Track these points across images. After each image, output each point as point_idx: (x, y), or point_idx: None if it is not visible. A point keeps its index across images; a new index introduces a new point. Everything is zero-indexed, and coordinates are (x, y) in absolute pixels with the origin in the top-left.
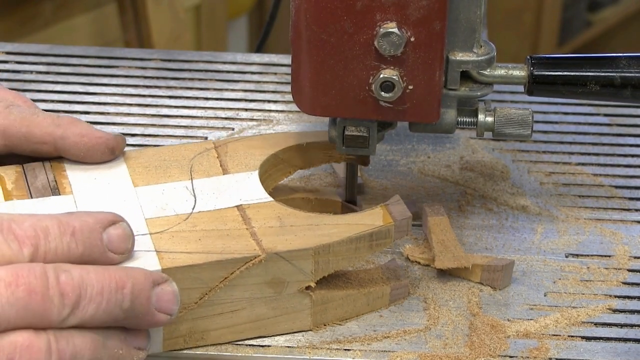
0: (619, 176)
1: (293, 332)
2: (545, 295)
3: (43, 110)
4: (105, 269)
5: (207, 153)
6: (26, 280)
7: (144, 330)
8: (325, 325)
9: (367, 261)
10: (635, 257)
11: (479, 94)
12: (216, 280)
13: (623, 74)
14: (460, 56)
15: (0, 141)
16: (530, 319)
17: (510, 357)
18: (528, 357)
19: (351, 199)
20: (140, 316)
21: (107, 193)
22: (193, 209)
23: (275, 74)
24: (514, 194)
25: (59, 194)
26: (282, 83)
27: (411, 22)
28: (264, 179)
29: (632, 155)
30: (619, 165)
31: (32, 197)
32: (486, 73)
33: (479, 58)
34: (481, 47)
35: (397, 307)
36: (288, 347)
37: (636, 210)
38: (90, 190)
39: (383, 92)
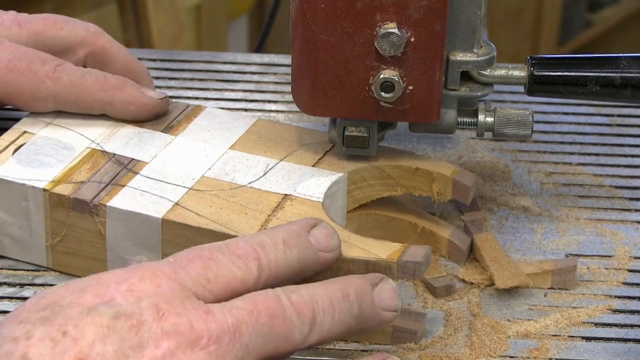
0: (620, 176)
1: None
2: (545, 296)
3: None
4: (325, 282)
5: (321, 145)
6: (265, 306)
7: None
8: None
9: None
10: (635, 258)
11: (479, 94)
12: None
13: (623, 74)
14: (460, 56)
15: (53, 104)
16: (531, 319)
17: (511, 357)
18: (528, 358)
19: None
20: (369, 319)
21: (201, 145)
22: (250, 183)
23: (275, 74)
24: (514, 194)
25: (168, 133)
26: (282, 83)
27: (411, 22)
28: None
29: (633, 156)
30: (619, 166)
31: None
32: (486, 73)
33: (479, 58)
34: (481, 47)
35: None
36: None
37: (636, 210)
38: (193, 137)
39: (383, 93)
